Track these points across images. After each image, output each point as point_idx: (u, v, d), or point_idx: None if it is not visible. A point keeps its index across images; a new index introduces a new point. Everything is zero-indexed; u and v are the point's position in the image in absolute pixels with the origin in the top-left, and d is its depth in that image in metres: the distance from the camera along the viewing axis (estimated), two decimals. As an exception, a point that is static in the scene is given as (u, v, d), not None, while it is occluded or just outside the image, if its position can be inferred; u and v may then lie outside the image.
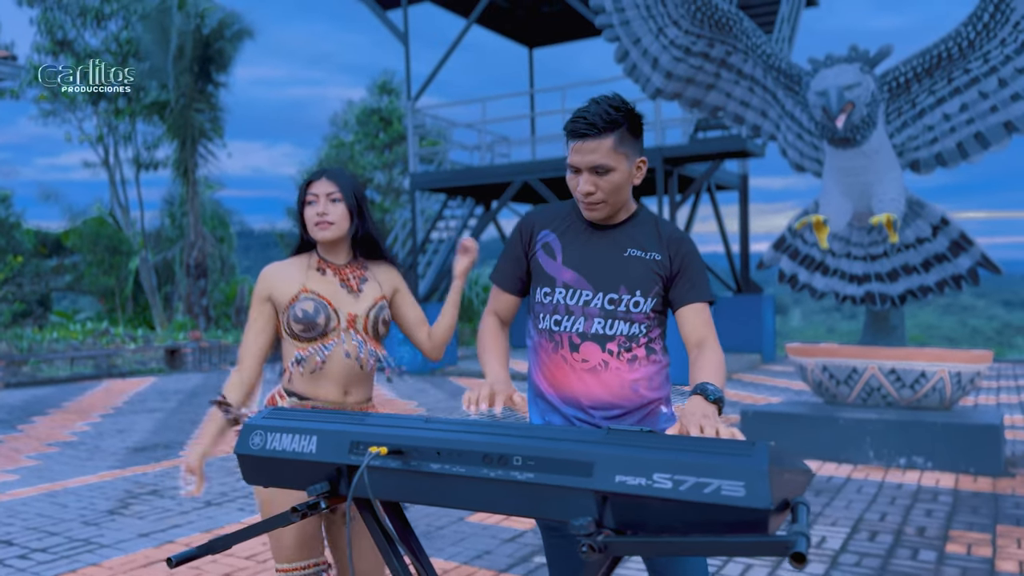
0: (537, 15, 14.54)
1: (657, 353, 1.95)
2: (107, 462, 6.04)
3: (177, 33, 16.03)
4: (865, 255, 6.06)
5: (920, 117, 5.66)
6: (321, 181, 2.20)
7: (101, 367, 12.88)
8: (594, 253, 1.91)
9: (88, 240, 21.26)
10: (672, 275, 1.90)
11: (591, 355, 1.89)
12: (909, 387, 5.79)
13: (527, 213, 2.07)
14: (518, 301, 2.07)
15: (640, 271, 1.88)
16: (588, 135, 1.79)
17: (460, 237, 14.17)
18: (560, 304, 1.92)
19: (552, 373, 1.95)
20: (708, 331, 1.87)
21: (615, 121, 1.79)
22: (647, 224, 1.94)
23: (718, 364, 1.79)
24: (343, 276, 2.20)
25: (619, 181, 1.82)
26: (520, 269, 2.03)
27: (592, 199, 1.84)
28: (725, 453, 1.23)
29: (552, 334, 1.94)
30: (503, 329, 2.07)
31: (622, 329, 1.89)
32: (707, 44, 6.28)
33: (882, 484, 5.07)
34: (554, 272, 1.94)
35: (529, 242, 2.01)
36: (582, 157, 1.81)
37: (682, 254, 1.90)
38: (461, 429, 1.44)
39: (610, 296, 1.89)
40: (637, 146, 1.86)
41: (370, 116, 21.62)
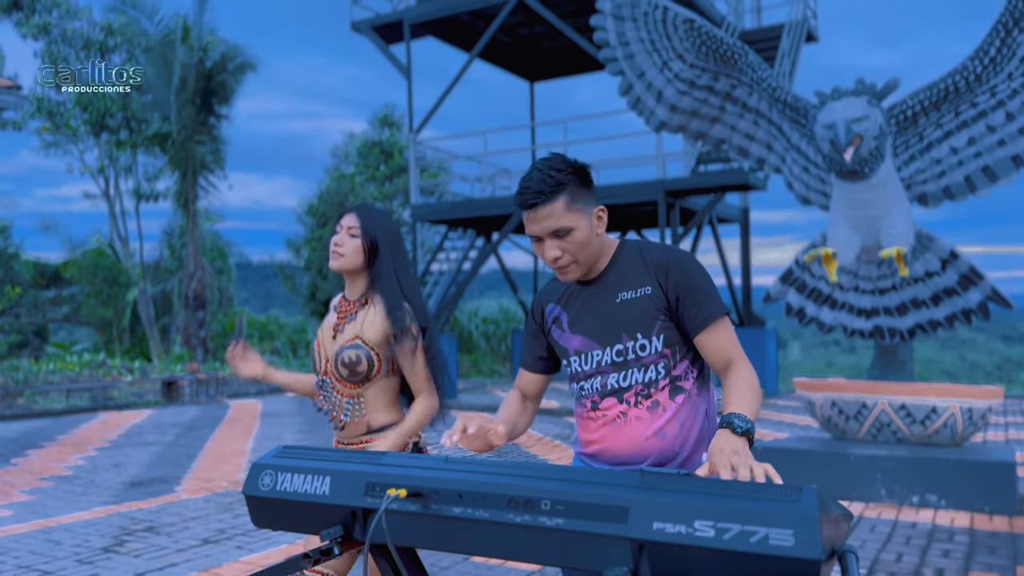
0: (538, 49, 14.65)
1: (688, 391, 1.84)
2: (102, 497, 5.91)
3: (180, 66, 16.12)
4: (873, 289, 6.01)
5: (928, 150, 5.64)
6: (350, 215, 2.29)
7: (97, 399, 12.74)
8: (592, 311, 1.86)
9: (86, 271, 21.21)
10: (672, 304, 1.80)
11: (610, 408, 1.84)
12: (920, 423, 5.69)
13: (536, 295, 2.06)
14: (543, 379, 2.04)
15: (634, 312, 1.81)
16: (537, 204, 1.75)
17: (460, 268, 14.14)
18: (578, 371, 1.89)
19: (583, 432, 1.91)
20: (732, 350, 1.78)
21: (560, 183, 1.74)
22: (631, 259, 1.86)
23: (748, 388, 1.70)
24: (343, 314, 2.29)
25: (582, 238, 1.78)
26: (539, 347, 2.01)
27: (561, 263, 1.80)
28: (771, 498, 1.15)
29: (580, 398, 1.91)
30: (523, 402, 2.04)
31: (637, 377, 1.81)
32: (712, 77, 6.28)
33: (896, 523, 4.96)
34: (565, 343, 1.91)
35: (542, 321, 1.99)
36: (539, 225, 1.77)
37: (674, 279, 1.79)
38: (484, 470, 1.36)
39: (617, 348, 1.82)
40: (591, 198, 1.81)
41: (371, 148, 21.70)
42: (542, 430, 9.35)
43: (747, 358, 1.80)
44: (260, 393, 14.38)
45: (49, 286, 24.05)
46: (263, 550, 4.45)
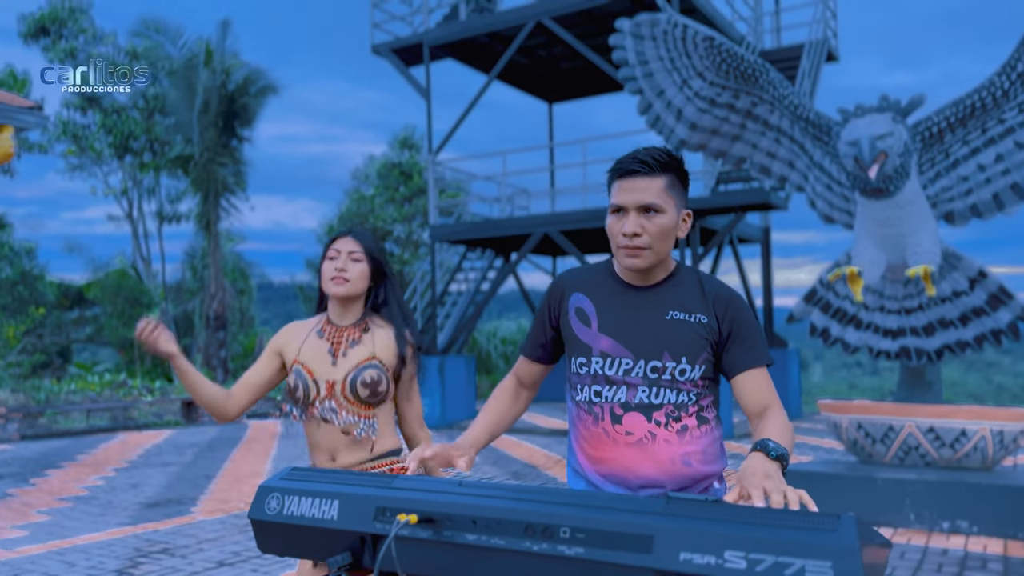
0: (557, 70, 14.67)
1: (710, 423, 1.78)
2: (118, 518, 5.87)
3: (203, 89, 16.31)
4: (900, 308, 5.88)
5: (954, 168, 5.54)
6: (346, 239, 2.23)
7: (117, 419, 12.77)
8: (633, 317, 1.76)
9: (109, 292, 21.39)
10: (722, 339, 1.73)
11: (636, 426, 1.73)
12: (949, 446, 5.54)
13: (558, 276, 1.94)
14: (543, 369, 1.95)
15: (685, 336, 1.72)
16: (639, 172, 1.69)
17: (479, 288, 14.10)
18: (599, 374, 1.77)
19: (593, 448, 1.78)
20: (770, 398, 1.71)
21: (667, 164, 1.70)
22: (689, 282, 1.78)
23: (783, 424, 1.63)
24: (337, 339, 2.21)
25: (667, 226, 1.70)
26: (544, 336, 1.90)
27: (637, 242, 1.70)
28: (807, 527, 1.08)
29: (592, 405, 1.78)
30: (517, 391, 1.97)
31: (669, 397, 1.72)
32: (732, 95, 6.22)
33: (926, 550, 4.81)
34: (589, 340, 1.79)
35: (559, 307, 1.87)
36: (630, 195, 1.69)
37: (731, 315, 1.73)
38: (500, 495, 1.30)
39: (653, 364, 1.73)
40: (684, 196, 1.76)
41: (391, 170, 21.80)
42: (561, 452, 9.24)
43: (781, 404, 1.73)
44: (280, 414, 14.36)
45: (72, 307, 24.27)
46: (279, 573, 4.38)
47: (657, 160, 1.69)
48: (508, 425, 1.91)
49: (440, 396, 12.13)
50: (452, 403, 12.37)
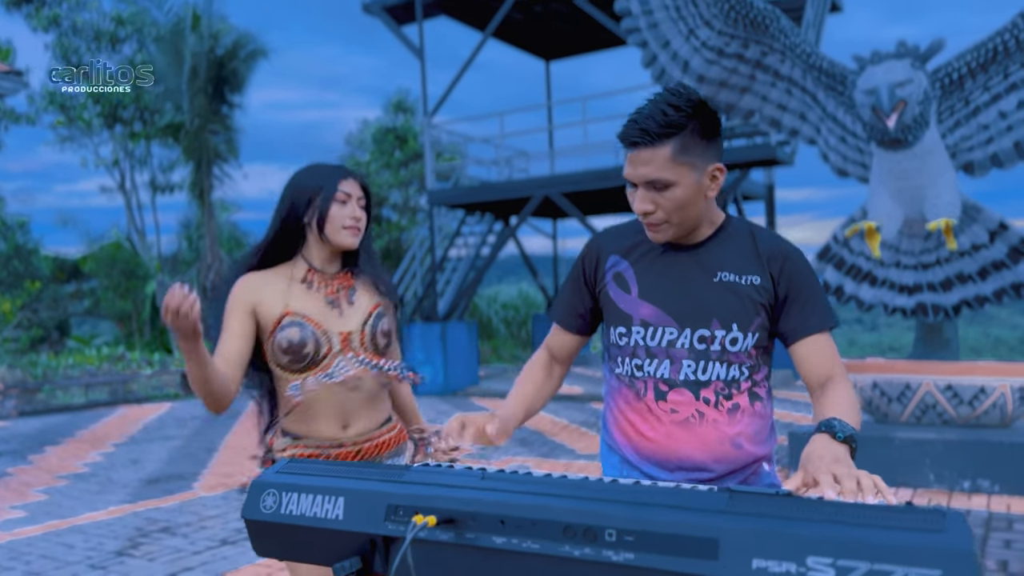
0: (554, 27, 14.30)
1: (762, 400, 1.60)
2: (118, 496, 5.74)
3: (191, 54, 15.93)
4: (916, 264, 5.70)
5: (974, 116, 5.31)
6: (352, 182, 1.94)
7: (117, 393, 12.64)
8: (676, 281, 1.56)
9: (104, 265, 21.16)
10: (779, 301, 1.53)
11: (682, 404, 1.55)
12: (967, 404, 5.39)
13: (593, 236, 1.73)
14: (580, 340, 1.75)
15: (736, 300, 1.52)
16: (639, 144, 1.45)
17: (479, 253, 13.89)
18: (639, 346, 1.58)
19: (633, 426, 1.60)
20: (835, 367, 1.52)
21: (674, 124, 1.43)
22: (740, 237, 1.57)
23: (849, 400, 1.44)
24: (332, 289, 1.93)
25: (683, 197, 1.47)
26: (583, 305, 1.69)
27: (651, 219, 1.51)
28: (906, 527, 0.90)
29: (633, 380, 1.60)
30: (550, 366, 1.77)
31: (718, 372, 1.54)
32: (741, 45, 5.96)
33: (948, 511, 4.68)
34: (629, 308, 1.59)
35: (595, 272, 1.66)
36: (635, 170, 1.48)
37: (789, 272, 1.53)
38: (532, 489, 1.12)
39: (700, 333, 1.54)
40: (709, 152, 1.49)
41: (385, 135, 21.44)
42: (568, 416, 9.12)
43: (847, 374, 1.53)
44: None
45: (69, 280, 24.05)
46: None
47: (661, 124, 1.43)
48: (542, 405, 1.72)
49: (443, 363, 11.98)
50: (455, 370, 12.23)
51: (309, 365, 1.86)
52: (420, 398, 11.32)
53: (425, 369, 11.88)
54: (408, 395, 2.18)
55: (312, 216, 1.91)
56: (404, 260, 14.20)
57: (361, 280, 2.00)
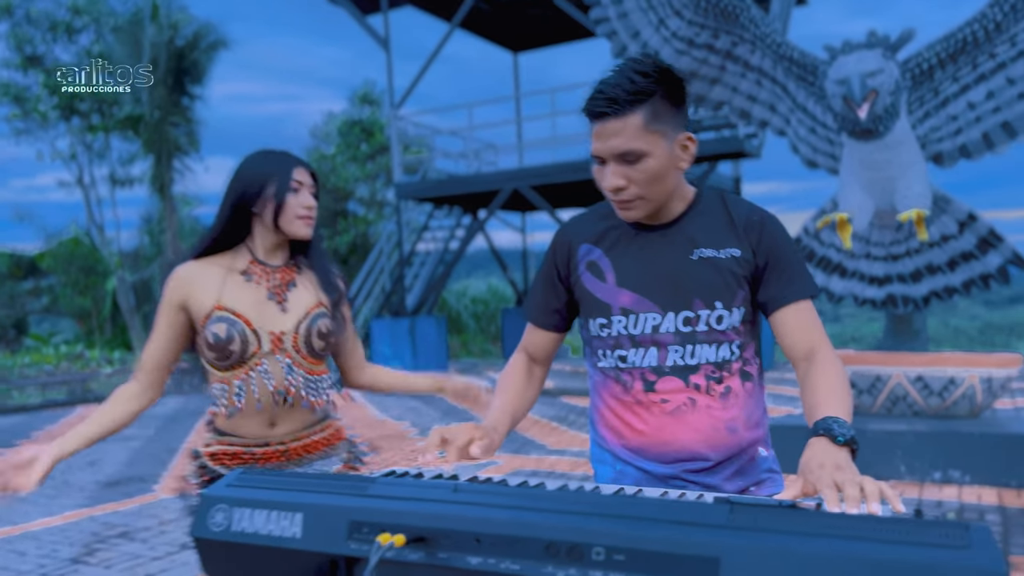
0: (522, 18, 14.18)
1: (753, 378, 1.53)
2: (74, 500, 5.54)
3: (150, 45, 15.55)
4: (886, 255, 5.69)
5: (943, 106, 5.30)
6: (303, 170, 1.84)
7: (75, 392, 12.32)
8: (654, 262, 1.48)
9: (62, 261, 20.66)
10: (759, 271, 1.47)
11: (672, 393, 1.48)
12: (937, 395, 5.40)
13: (561, 227, 1.63)
14: (557, 338, 1.66)
15: (717, 276, 1.45)
16: (608, 114, 1.37)
17: (447, 248, 13.76)
18: (622, 336, 1.50)
19: (624, 420, 1.53)
20: (818, 336, 1.45)
21: (643, 91, 1.35)
22: (714, 209, 1.50)
23: (840, 383, 1.36)
24: (272, 284, 1.82)
25: (656, 169, 1.39)
26: (558, 300, 1.61)
27: (623, 195, 1.42)
28: (927, 542, 0.81)
29: (619, 372, 1.52)
30: (529, 369, 1.66)
31: (707, 355, 1.47)
32: (712, 35, 5.90)
33: (920, 502, 4.67)
34: (608, 298, 1.51)
35: (568, 264, 1.57)
36: (604, 143, 1.39)
37: (767, 241, 1.46)
38: (511, 502, 1.01)
39: (684, 315, 1.47)
40: (679, 119, 1.42)
41: (351, 128, 21.17)
42: (539, 412, 9.04)
43: (831, 345, 1.45)
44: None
45: (26, 277, 23.46)
46: (246, 555, 4.10)
47: (630, 91, 1.35)
48: (526, 410, 1.62)
49: (411, 358, 11.85)
50: (424, 365, 12.10)
51: (235, 364, 1.76)
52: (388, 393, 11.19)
53: (393, 364, 11.74)
54: (389, 378, 2.06)
55: (263, 205, 1.79)
56: (371, 255, 14.02)
57: (305, 275, 1.88)
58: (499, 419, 1.50)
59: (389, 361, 11.79)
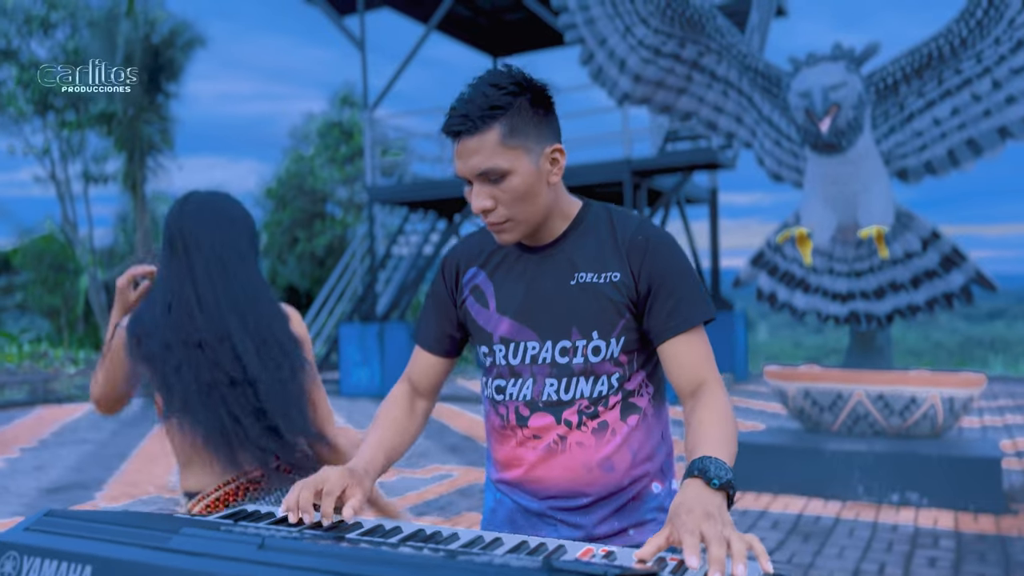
0: (501, 23, 14.09)
1: (642, 411, 1.41)
2: (11, 507, 5.35)
3: (125, 41, 15.34)
4: (849, 271, 5.61)
5: (908, 122, 5.23)
6: None
7: (37, 392, 12.07)
8: (533, 287, 1.39)
9: (31, 258, 20.34)
10: (641, 297, 1.35)
11: (544, 430, 1.38)
12: (898, 414, 5.33)
13: (450, 248, 1.55)
14: (446, 365, 1.54)
15: (595, 303, 1.35)
16: (461, 132, 1.28)
17: (421, 252, 13.61)
18: (502, 366, 1.41)
19: (501, 453, 1.44)
20: (705, 368, 1.34)
21: (496, 106, 1.27)
22: (598, 228, 1.40)
23: (723, 423, 1.25)
24: None
25: (521, 186, 1.30)
26: (448, 323, 1.50)
27: (492, 217, 1.33)
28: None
29: (496, 404, 1.43)
30: (411, 401, 1.53)
31: (582, 389, 1.36)
32: (678, 44, 5.82)
33: (875, 525, 4.58)
34: (488, 325, 1.42)
35: (455, 287, 1.49)
36: (464, 163, 1.30)
37: (650, 263, 1.34)
38: (317, 565, 0.89)
39: (561, 344, 1.36)
40: (543, 131, 1.33)
41: (331, 129, 20.99)
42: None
43: (721, 379, 1.34)
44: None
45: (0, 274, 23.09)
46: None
47: (483, 107, 1.27)
48: (403, 451, 1.48)
49: (380, 365, 11.69)
50: (392, 372, 11.95)
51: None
52: (356, 400, 11.01)
53: (362, 371, 11.57)
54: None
55: None
56: (343, 258, 13.85)
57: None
58: (371, 460, 1.37)
59: (357, 367, 11.62)
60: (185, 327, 1.72)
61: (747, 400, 10.39)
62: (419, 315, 1.57)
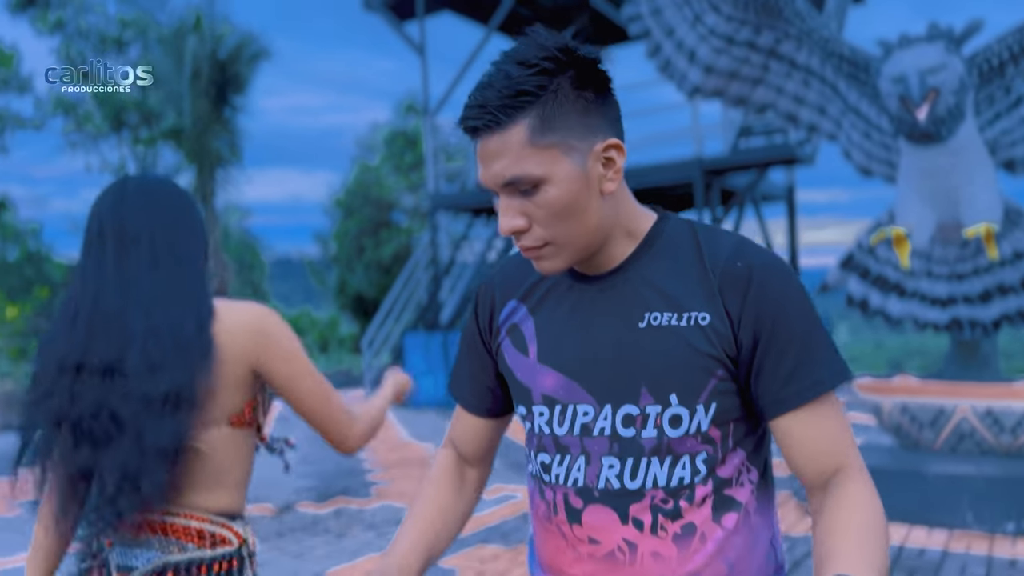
0: (564, 21, 13.76)
1: (741, 507, 1.02)
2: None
3: (192, 57, 15.58)
4: (950, 274, 5.09)
5: (1017, 106, 4.70)
6: None
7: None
8: (587, 330, 1.02)
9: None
10: (744, 349, 0.97)
11: (604, 531, 1.00)
12: (1010, 432, 4.79)
13: (488, 274, 1.19)
14: (493, 426, 1.20)
15: (674, 354, 0.97)
16: (481, 129, 0.94)
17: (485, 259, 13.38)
18: (544, 435, 1.05)
19: (548, 551, 1.07)
20: (841, 454, 0.97)
21: (523, 91, 0.91)
22: (679, 250, 1.01)
23: (868, 528, 0.90)
24: None
25: (562, 198, 0.94)
26: (485, 374, 1.16)
27: (526, 241, 0.97)
28: None
29: (542, 487, 1.06)
30: (460, 472, 1.21)
31: (656, 475, 0.98)
32: (753, 31, 5.39)
33: (991, 560, 4.07)
34: (527, 378, 1.06)
35: (490, 326, 1.14)
36: (486, 169, 0.95)
37: (757, 302, 0.96)
38: None
39: (625, 411, 0.99)
40: (591, 121, 0.96)
41: (396, 138, 21.02)
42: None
43: (863, 464, 0.98)
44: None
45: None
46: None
47: (505, 94, 0.91)
48: (450, 539, 1.16)
49: (444, 374, 11.48)
50: (458, 381, 11.75)
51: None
52: (421, 412, 10.81)
53: (427, 380, 11.38)
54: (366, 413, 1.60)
55: None
56: (407, 266, 13.73)
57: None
58: (409, 558, 1.07)
59: (423, 376, 11.44)
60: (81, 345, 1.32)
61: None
62: (455, 361, 1.23)
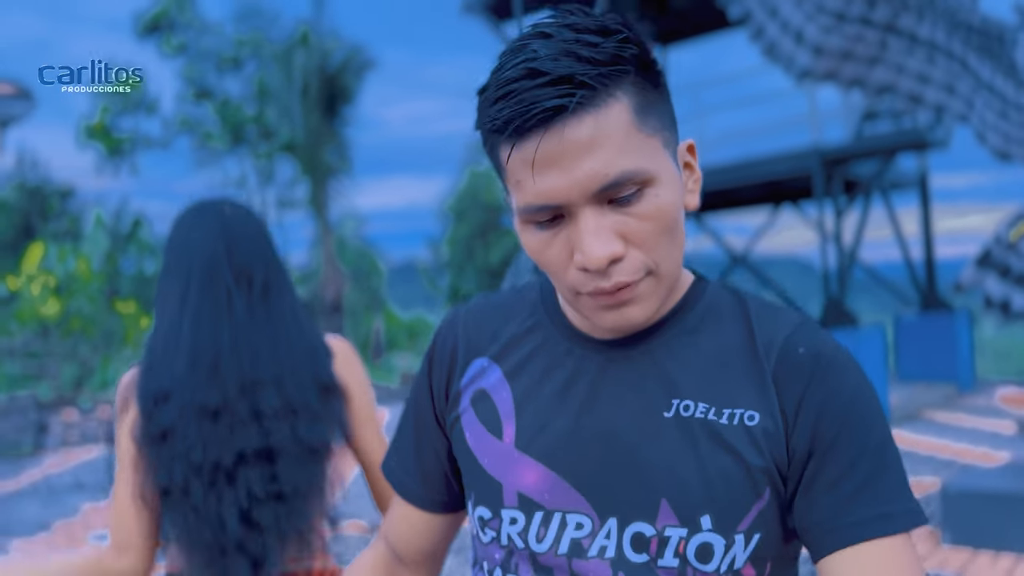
0: (668, 9, 13.24)
1: None
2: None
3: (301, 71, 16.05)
4: (1113, 269, 4.41)
5: None
6: None
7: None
8: (588, 411, 0.74)
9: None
10: (799, 458, 0.69)
11: None
12: None
13: (449, 315, 0.89)
14: (446, 523, 0.91)
15: (713, 459, 0.69)
16: (554, 116, 0.65)
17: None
18: (517, 549, 0.75)
19: None
20: None
21: (622, 59, 0.66)
22: (722, 324, 0.75)
23: None
24: None
25: (675, 205, 0.69)
26: (436, 456, 0.88)
27: (625, 276, 0.68)
28: None
29: None
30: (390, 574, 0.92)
31: None
32: (866, 5, 4.86)
33: None
34: (497, 469, 0.77)
35: (447, 389, 0.84)
36: (565, 172, 0.66)
37: (828, 399, 0.68)
38: None
39: (635, 529, 0.70)
40: (672, 111, 0.73)
41: (504, 141, 21.05)
42: None
43: None
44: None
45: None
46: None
47: (603, 61, 0.65)
48: None
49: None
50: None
51: None
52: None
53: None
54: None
55: None
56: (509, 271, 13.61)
57: None
58: None
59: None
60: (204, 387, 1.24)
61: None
62: (396, 432, 0.92)
